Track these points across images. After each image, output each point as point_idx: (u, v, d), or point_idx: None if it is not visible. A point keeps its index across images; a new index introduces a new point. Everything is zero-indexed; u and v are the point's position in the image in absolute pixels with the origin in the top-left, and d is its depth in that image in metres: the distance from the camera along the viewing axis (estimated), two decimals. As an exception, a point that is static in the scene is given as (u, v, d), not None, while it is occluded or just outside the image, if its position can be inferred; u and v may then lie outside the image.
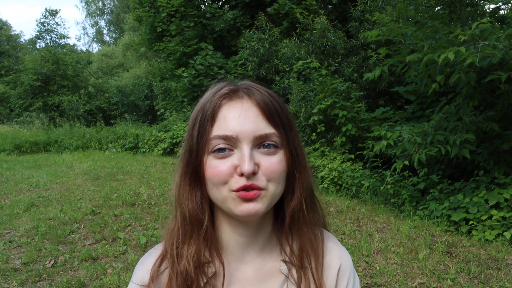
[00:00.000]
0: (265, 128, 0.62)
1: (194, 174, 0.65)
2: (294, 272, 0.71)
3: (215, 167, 0.62)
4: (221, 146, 0.62)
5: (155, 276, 0.70)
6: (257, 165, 0.62)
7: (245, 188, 0.61)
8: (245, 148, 0.61)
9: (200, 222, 0.67)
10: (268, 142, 0.63)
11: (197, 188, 0.66)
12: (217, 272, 0.69)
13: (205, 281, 0.68)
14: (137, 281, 0.72)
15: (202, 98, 0.67)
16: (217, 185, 0.63)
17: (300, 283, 0.70)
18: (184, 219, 0.67)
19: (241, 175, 0.61)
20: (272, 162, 0.63)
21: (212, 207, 0.69)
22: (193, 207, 0.66)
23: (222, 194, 0.63)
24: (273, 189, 0.63)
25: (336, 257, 0.75)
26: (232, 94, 0.64)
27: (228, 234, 0.70)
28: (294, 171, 0.67)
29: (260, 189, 0.62)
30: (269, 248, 0.73)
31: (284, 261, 0.72)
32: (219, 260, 0.69)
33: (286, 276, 0.71)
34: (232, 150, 0.62)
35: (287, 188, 0.68)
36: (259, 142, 0.62)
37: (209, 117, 0.62)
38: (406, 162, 4.15)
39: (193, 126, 0.65)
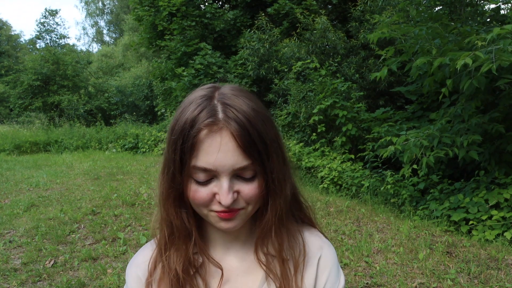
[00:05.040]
0: (242, 161, 0.63)
1: (178, 196, 0.68)
2: (276, 264, 0.74)
3: (196, 191, 0.65)
4: (201, 176, 0.64)
5: (152, 271, 0.75)
6: (236, 191, 0.65)
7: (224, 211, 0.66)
8: (224, 181, 0.64)
9: (189, 235, 0.72)
10: (247, 172, 0.65)
11: (182, 206, 0.69)
12: (205, 262, 0.74)
13: (193, 271, 0.73)
14: (132, 281, 0.77)
15: (182, 114, 0.65)
16: (199, 207, 0.67)
17: (279, 274, 0.73)
18: (173, 233, 0.72)
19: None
20: (252, 189, 0.66)
21: None
22: (181, 224, 0.70)
23: (203, 213, 0.68)
24: (250, 209, 0.69)
25: (316, 247, 0.78)
26: (212, 124, 0.62)
27: (213, 231, 0.77)
28: (268, 197, 0.70)
29: (238, 209, 0.67)
30: (251, 241, 0.77)
31: (264, 254, 0.75)
32: (206, 257, 0.74)
33: (267, 267, 0.74)
34: (212, 178, 0.65)
35: (259, 208, 0.71)
36: (238, 172, 0.65)
37: (189, 147, 0.63)
38: (415, 166, 4.14)
39: (174, 149, 0.65)
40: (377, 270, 2.97)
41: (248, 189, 0.66)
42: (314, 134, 6.67)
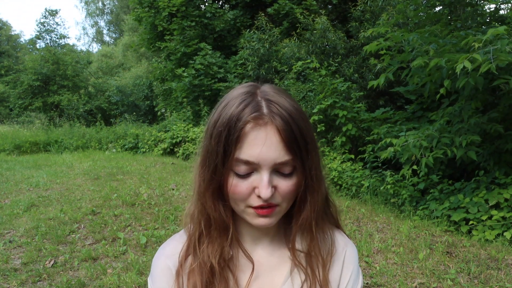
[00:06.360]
0: (284, 155, 0.65)
1: (217, 189, 0.70)
2: (304, 259, 0.76)
3: (236, 186, 0.67)
4: (243, 169, 0.66)
5: (183, 262, 0.76)
6: (274, 187, 0.67)
7: (261, 206, 0.67)
8: (265, 174, 0.65)
9: (226, 228, 0.73)
10: (286, 167, 0.67)
11: (220, 199, 0.71)
12: (234, 256, 0.76)
13: (223, 264, 0.75)
14: (161, 271, 0.77)
15: (226, 108, 0.67)
16: (237, 201, 0.69)
17: (307, 270, 0.75)
18: (209, 225, 0.73)
19: (259, 196, 0.66)
20: (289, 185, 0.68)
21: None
22: (219, 216, 0.72)
23: (240, 208, 0.70)
24: (285, 206, 0.71)
25: (341, 246, 0.81)
26: (257, 118, 0.65)
27: (243, 226, 0.78)
28: (306, 193, 0.72)
29: (275, 206, 0.68)
30: (280, 236, 0.80)
31: (293, 249, 0.77)
32: (241, 250, 0.75)
33: (298, 262, 0.76)
34: (252, 172, 0.66)
35: (297, 204, 0.73)
36: (278, 167, 0.66)
37: (234, 139, 0.65)
38: (415, 167, 4.14)
39: (218, 141, 0.66)
40: (377, 270, 2.97)
41: (286, 185, 0.67)
42: (314, 134, 6.67)
